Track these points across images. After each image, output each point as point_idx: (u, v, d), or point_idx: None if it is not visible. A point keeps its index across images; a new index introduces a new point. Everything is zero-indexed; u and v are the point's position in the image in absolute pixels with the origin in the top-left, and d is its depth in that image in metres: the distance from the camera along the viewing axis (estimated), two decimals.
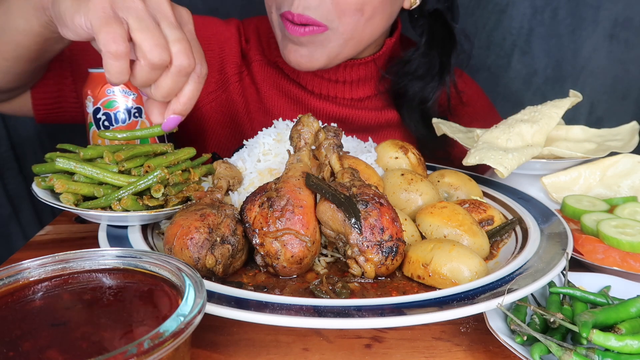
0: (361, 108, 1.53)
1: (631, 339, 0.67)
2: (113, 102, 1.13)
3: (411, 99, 1.51)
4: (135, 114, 1.15)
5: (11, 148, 2.06)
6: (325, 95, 1.51)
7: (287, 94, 1.53)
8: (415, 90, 1.50)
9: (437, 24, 1.49)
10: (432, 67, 1.50)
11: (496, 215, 1.02)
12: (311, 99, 1.51)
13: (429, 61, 1.49)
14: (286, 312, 0.68)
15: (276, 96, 1.53)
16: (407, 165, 1.12)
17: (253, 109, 1.54)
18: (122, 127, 1.14)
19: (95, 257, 0.69)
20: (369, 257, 0.81)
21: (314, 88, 1.51)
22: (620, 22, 1.96)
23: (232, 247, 0.83)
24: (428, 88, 1.50)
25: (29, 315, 0.61)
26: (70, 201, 0.94)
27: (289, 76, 1.53)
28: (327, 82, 1.50)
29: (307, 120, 1.00)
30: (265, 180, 1.03)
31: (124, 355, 0.48)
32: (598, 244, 0.95)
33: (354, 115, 1.52)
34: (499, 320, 0.75)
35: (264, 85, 1.54)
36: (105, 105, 1.13)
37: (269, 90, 1.53)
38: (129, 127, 1.15)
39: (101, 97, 1.13)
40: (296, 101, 1.52)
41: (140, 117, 1.16)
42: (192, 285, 0.61)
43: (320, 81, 1.50)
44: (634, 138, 1.27)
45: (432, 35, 1.49)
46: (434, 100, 1.51)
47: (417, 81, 1.50)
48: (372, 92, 1.54)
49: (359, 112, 1.52)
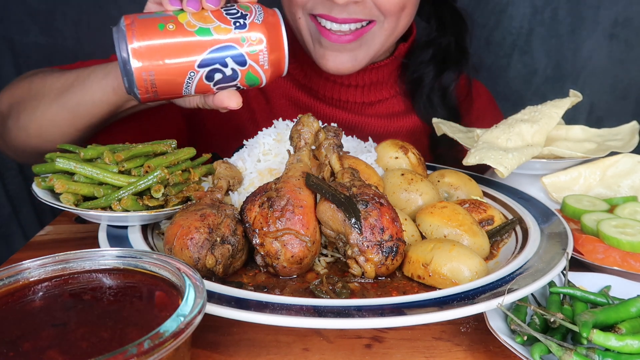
0: (371, 115, 1.53)
1: (631, 339, 0.67)
2: None
3: (429, 86, 1.50)
4: None
5: None
6: (336, 99, 1.50)
7: (296, 103, 1.53)
8: (431, 77, 1.49)
9: (441, 7, 1.49)
10: (449, 52, 1.49)
11: (496, 215, 1.02)
12: (321, 106, 1.51)
13: (445, 46, 1.49)
14: (286, 312, 0.68)
15: (286, 105, 1.53)
16: (407, 165, 1.12)
17: (261, 119, 1.53)
18: None
19: (95, 257, 0.69)
20: (369, 257, 0.81)
21: (326, 92, 1.50)
22: (620, 22, 1.95)
23: (232, 247, 0.83)
24: (448, 74, 1.49)
25: (29, 315, 0.61)
26: (70, 201, 0.94)
27: (299, 82, 1.52)
28: (339, 86, 1.49)
29: (307, 120, 1.00)
30: (265, 180, 1.03)
31: (124, 355, 0.48)
32: (598, 244, 0.94)
33: (363, 122, 1.52)
34: (499, 320, 0.75)
35: (273, 95, 1.53)
36: None
37: (279, 100, 1.53)
38: None
39: None
40: (306, 109, 1.52)
41: None
42: (192, 285, 0.61)
43: (332, 85, 1.49)
44: (634, 138, 1.27)
45: (441, 19, 1.49)
46: (454, 87, 1.50)
47: (434, 68, 1.49)
48: (383, 96, 1.54)
49: (368, 119, 1.52)
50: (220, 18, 0.94)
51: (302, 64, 1.50)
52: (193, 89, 0.96)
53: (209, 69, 0.93)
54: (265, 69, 0.97)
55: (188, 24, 0.92)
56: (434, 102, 1.51)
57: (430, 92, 1.50)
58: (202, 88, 0.96)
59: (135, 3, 1.95)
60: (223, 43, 0.93)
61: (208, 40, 0.92)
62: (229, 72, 0.95)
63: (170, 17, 0.92)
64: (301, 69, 1.51)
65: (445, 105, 1.51)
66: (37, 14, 1.96)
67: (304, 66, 1.50)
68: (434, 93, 1.50)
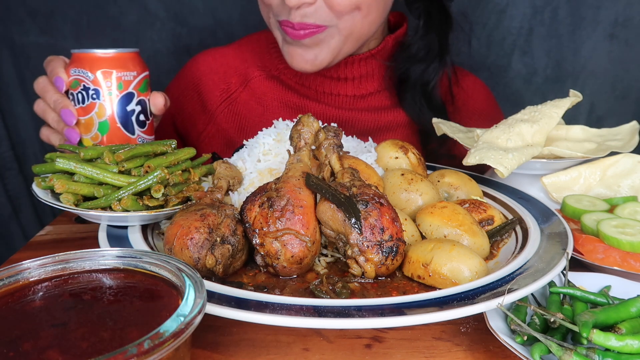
0: (363, 109, 1.54)
1: (631, 339, 0.67)
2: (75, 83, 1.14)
3: (413, 83, 1.52)
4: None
5: (11, 148, 2.06)
6: (328, 93, 1.52)
7: (287, 104, 1.55)
8: (417, 74, 1.51)
9: (432, 5, 1.50)
10: (432, 49, 1.51)
11: (496, 215, 1.02)
12: (313, 104, 1.53)
13: (428, 43, 1.50)
14: (286, 312, 0.68)
15: (278, 108, 1.55)
16: (407, 165, 1.12)
17: (253, 124, 1.55)
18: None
19: (95, 257, 0.69)
20: (369, 257, 0.81)
21: (317, 87, 1.52)
22: (620, 22, 1.95)
23: (232, 247, 0.83)
24: (429, 70, 1.51)
25: (29, 315, 0.61)
26: (70, 201, 0.94)
27: (288, 83, 1.55)
28: (329, 80, 1.51)
29: (307, 120, 1.00)
30: (265, 180, 1.03)
31: (124, 355, 0.48)
32: (598, 244, 0.94)
33: (355, 118, 1.53)
34: (499, 320, 0.75)
35: (266, 98, 1.56)
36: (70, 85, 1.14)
37: (272, 103, 1.56)
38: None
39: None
40: (298, 110, 1.54)
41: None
42: (192, 286, 0.61)
43: (322, 80, 1.52)
44: (634, 138, 1.27)
45: (429, 17, 1.50)
46: (436, 83, 1.52)
47: (418, 64, 1.51)
48: (374, 88, 1.55)
49: (360, 114, 1.53)
50: (85, 111, 1.13)
51: None
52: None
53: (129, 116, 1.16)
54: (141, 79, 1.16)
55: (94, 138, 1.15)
56: (418, 99, 1.53)
57: (413, 88, 1.52)
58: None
59: (135, 3, 1.96)
60: (104, 113, 1.13)
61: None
62: (138, 109, 1.17)
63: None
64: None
65: (428, 101, 1.52)
66: (37, 14, 1.96)
67: None
68: (417, 89, 1.52)
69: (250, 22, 1.92)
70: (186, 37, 2.02)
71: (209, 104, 1.59)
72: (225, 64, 1.60)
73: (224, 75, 1.59)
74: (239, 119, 1.57)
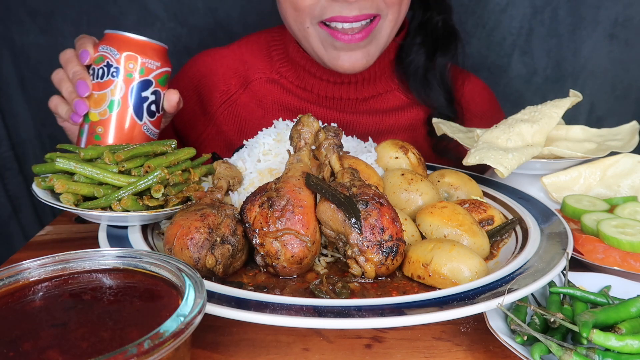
0: (364, 112, 1.54)
1: (631, 339, 0.67)
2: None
3: (425, 68, 1.53)
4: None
5: (11, 148, 2.06)
6: (330, 97, 1.53)
7: (288, 107, 1.55)
8: (425, 59, 1.52)
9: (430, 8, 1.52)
10: (438, 33, 1.52)
11: (496, 215, 1.02)
12: (314, 108, 1.53)
13: (433, 27, 1.52)
14: (286, 312, 0.68)
15: (278, 110, 1.55)
16: (407, 165, 1.12)
17: (253, 126, 1.55)
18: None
19: (95, 257, 0.69)
20: (369, 257, 0.81)
21: (319, 91, 1.52)
22: (620, 22, 1.95)
23: (232, 247, 0.83)
24: (441, 53, 1.52)
25: (29, 315, 0.61)
26: (70, 201, 0.94)
27: (289, 87, 1.55)
28: (332, 84, 1.51)
29: (307, 120, 1.00)
30: (265, 180, 1.03)
31: (124, 355, 0.48)
32: (598, 244, 0.94)
33: (355, 121, 1.53)
34: (499, 320, 0.75)
35: (266, 101, 1.56)
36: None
37: (272, 106, 1.56)
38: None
39: None
40: (298, 113, 1.54)
41: None
42: (192, 286, 0.61)
43: (324, 84, 1.52)
44: (634, 138, 1.27)
45: (424, 2, 1.53)
46: (449, 67, 1.53)
47: (427, 49, 1.52)
48: (376, 91, 1.55)
49: (361, 117, 1.53)
50: (101, 86, 1.14)
51: (295, 67, 1.54)
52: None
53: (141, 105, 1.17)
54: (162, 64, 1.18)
55: (102, 113, 1.15)
56: (431, 84, 1.53)
57: (425, 74, 1.53)
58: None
59: (135, 3, 1.96)
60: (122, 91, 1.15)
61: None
62: (152, 98, 1.18)
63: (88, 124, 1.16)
64: (294, 71, 1.54)
65: (441, 86, 1.53)
66: (37, 14, 1.96)
67: (297, 68, 1.53)
68: (429, 74, 1.53)
69: (250, 22, 1.92)
70: (186, 37, 2.02)
71: (208, 105, 1.59)
72: (224, 65, 1.60)
73: (224, 76, 1.59)
74: (238, 121, 1.57)
